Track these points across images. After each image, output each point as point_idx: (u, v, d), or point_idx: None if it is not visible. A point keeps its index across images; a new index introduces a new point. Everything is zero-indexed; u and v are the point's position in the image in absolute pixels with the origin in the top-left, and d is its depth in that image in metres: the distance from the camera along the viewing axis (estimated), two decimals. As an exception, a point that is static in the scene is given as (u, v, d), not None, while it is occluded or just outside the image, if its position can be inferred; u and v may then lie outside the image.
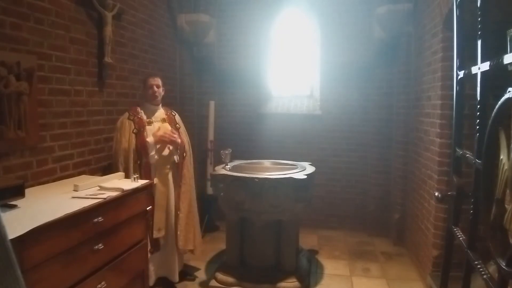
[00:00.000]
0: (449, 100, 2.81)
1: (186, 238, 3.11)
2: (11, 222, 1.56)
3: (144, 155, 2.87)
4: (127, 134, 2.88)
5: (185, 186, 3.13)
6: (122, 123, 2.93)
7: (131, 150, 2.84)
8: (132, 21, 3.52)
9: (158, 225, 2.92)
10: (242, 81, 4.76)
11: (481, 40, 1.46)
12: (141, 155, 2.86)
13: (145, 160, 2.87)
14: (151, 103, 3.08)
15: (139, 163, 2.84)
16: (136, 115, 2.96)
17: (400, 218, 4.14)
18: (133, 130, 2.89)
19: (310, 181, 3.05)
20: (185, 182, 3.13)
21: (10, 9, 2.18)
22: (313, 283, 3.27)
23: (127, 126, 2.90)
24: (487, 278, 1.34)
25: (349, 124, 4.55)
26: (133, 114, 2.96)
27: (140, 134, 2.90)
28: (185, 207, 3.11)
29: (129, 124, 2.91)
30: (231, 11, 4.71)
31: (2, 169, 2.16)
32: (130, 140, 2.86)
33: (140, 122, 2.94)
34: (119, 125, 2.94)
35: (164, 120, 3.10)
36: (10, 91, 2.18)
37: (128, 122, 2.91)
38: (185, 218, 3.11)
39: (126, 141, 2.85)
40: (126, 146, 2.85)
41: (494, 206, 1.33)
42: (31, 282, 1.55)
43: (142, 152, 2.87)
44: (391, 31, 4.07)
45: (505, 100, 1.24)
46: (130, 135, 2.87)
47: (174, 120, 3.19)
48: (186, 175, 3.14)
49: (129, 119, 2.93)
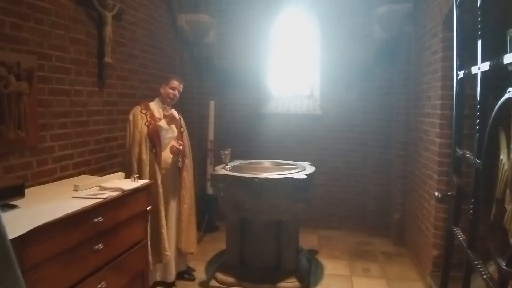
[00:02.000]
0: (449, 100, 2.81)
1: (188, 240, 3.12)
2: (11, 222, 1.56)
3: (158, 143, 2.89)
4: (139, 125, 2.88)
5: (185, 189, 3.13)
6: (135, 115, 2.93)
7: (144, 139, 2.85)
8: (132, 21, 3.52)
9: None
10: (242, 81, 4.76)
11: (481, 40, 1.46)
12: (154, 144, 2.87)
13: (159, 149, 2.89)
14: (164, 103, 3.09)
15: (154, 152, 2.87)
16: (148, 110, 2.97)
17: (400, 218, 4.14)
18: (145, 123, 2.90)
19: (310, 181, 3.05)
20: (185, 186, 3.13)
21: (10, 9, 2.18)
22: (313, 283, 3.26)
23: (140, 119, 2.90)
24: (487, 278, 1.34)
25: (349, 124, 4.55)
26: (145, 109, 2.97)
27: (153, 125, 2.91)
28: (186, 209, 3.11)
29: (141, 117, 2.91)
30: (231, 11, 4.71)
31: (2, 169, 2.16)
32: (142, 132, 2.87)
33: (152, 117, 2.96)
34: (132, 117, 2.94)
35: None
36: (10, 91, 2.18)
37: (141, 115, 2.92)
38: (187, 221, 3.12)
39: (139, 132, 2.86)
40: (138, 137, 2.86)
41: (494, 206, 1.33)
42: (31, 282, 1.55)
43: (155, 139, 2.88)
44: (391, 31, 4.07)
45: (505, 100, 1.24)
46: (142, 127, 2.88)
47: (179, 123, 3.19)
48: (186, 178, 3.15)
49: (141, 112, 2.93)
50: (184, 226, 3.10)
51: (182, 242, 3.08)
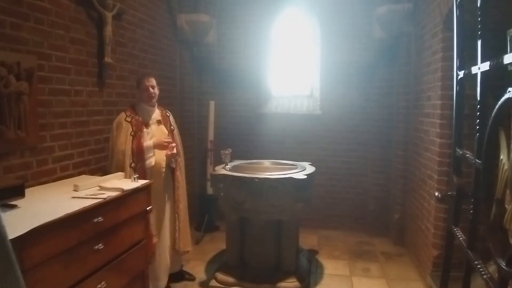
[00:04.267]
0: (449, 100, 2.82)
1: (185, 239, 3.11)
2: (11, 222, 1.56)
3: (140, 159, 2.78)
4: (123, 136, 2.77)
5: (179, 189, 3.09)
6: (119, 124, 2.82)
7: (127, 152, 2.74)
8: (132, 21, 3.52)
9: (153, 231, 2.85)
10: (242, 81, 4.76)
11: (481, 40, 1.45)
12: (137, 159, 2.77)
13: (141, 164, 2.78)
14: (148, 104, 2.96)
15: (133, 167, 2.74)
16: (134, 117, 2.86)
17: (400, 218, 4.14)
18: (130, 133, 2.79)
19: (310, 181, 3.05)
20: (179, 185, 3.09)
21: (10, 9, 2.18)
22: (313, 283, 3.26)
23: (124, 128, 2.79)
24: (487, 278, 1.34)
25: (349, 124, 4.55)
26: (130, 115, 2.85)
27: (138, 137, 2.80)
28: (181, 209, 3.09)
29: (126, 125, 2.80)
30: (231, 11, 4.71)
31: (2, 169, 2.16)
32: (126, 142, 2.76)
33: (138, 124, 2.84)
34: (115, 125, 2.83)
35: (160, 122, 3.03)
36: (10, 91, 2.18)
37: (125, 124, 2.81)
38: (183, 220, 3.11)
39: (122, 143, 2.75)
40: (122, 148, 2.74)
41: (494, 206, 1.33)
42: (31, 282, 1.55)
43: (139, 156, 2.77)
44: (391, 31, 4.07)
45: (505, 100, 1.23)
46: (127, 137, 2.77)
47: (168, 121, 3.11)
48: (179, 178, 3.10)
49: (126, 121, 2.82)
50: (182, 226, 3.08)
51: (180, 241, 3.06)
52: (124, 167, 2.73)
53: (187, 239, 3.15)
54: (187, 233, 3.15)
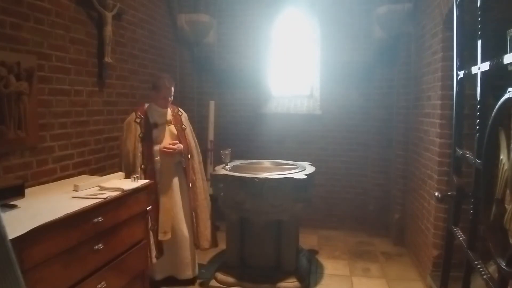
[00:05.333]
0: (449, 100, 2.81)
1: (202, 236, 3.12)
2: (11, 222, 1.56)
3: (150, 161, 2.86)
4: (132, 137, 2.84)
5: (194, 188, 3.09)
6: (129, 125, 2.89)
7: (138, 154, 2.82)
8: (132, 21, 3.52)
9: (163, 228, 2.89)
10: (242, 81, 4.76)
11: (481, 40, 1.45)
12: (147, 161, 2.84)
13: (151, 166, 2.86)
14: (161, 107, 3.00)
15: (143, 168, 2.82)
16: (143, 118, 2.91)
17: (400, 218, 4.14)
18: (139, 134, 2.85)
19: (310, 181, 3.05)
20: (194, 184, 3.10)
21: (10, 9, 2.18)
22: (313, 283, 3.26)
23: (133, 129, 2.86)
24: (487, 278, 1.34)
25: (349, 124, 4.55)
26: (139, 116, 2.90)
27: (147, 139, 2.87)
28: (198, 206, 3.10)
29: (135, 127, 2.86)
30: (231, 11, 4.71)
31: (2, 169, 2.16)
32: (135, 143, 2.83)
33: (147, 125, 2.90)
34: (126, 127, 2.91)
35: (170, 122, 3.05)
36: (10, 91, 2.18)
37: (135, 125, 2.86)
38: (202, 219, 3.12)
39: (132, 144, 2.83)
40: (131, 148, 2.82)
41: (494, 206, 1.33)
42: (31, 282, 1.55)
43: (149, 158, 2.85)
44: (391, 31, 4.07)
45: (505, 100, 1.23)
46: (136, 138, 2.84)
47: (180, 120, 3.12)
48: (193, 177, 3.11)
49: (135, 122, 2.87)
50: (199, 224, 3.10)
51: (198, 238, 3.10)
52: (133, 168, 2.79)
53: (205, 236, 3.14)
54: (204, 231, 3.14)
